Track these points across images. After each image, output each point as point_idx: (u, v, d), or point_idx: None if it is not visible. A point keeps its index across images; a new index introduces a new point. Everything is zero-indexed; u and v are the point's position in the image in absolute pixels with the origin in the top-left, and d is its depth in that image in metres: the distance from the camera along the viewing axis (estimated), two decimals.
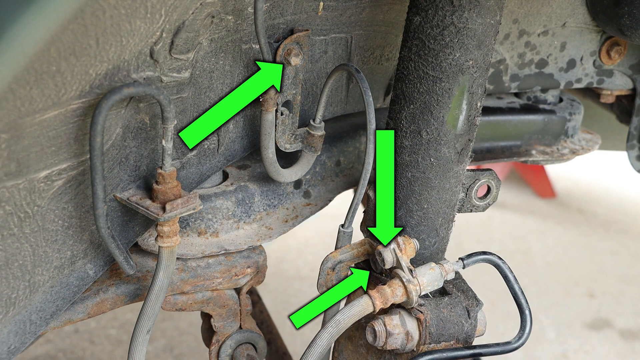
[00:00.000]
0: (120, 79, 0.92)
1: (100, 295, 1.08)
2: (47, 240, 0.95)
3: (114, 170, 0.98)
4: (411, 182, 1.05)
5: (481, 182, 1.16)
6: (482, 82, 1.02)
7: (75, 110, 0.89)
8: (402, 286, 1.02)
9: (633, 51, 1.40)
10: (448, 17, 0.96)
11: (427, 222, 1.07)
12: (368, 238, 1.12)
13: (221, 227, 1.15)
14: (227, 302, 1.17)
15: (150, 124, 0.99)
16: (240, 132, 1.13)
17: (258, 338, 1.22)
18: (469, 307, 1.07)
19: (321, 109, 1.13)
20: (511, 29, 1.29)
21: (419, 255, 1.07)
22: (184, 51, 0.98)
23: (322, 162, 1.26)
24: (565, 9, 1.31)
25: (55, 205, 0.93)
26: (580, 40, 1.35)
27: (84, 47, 0.85)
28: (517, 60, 1.33)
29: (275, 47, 1.07)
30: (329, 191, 1.27)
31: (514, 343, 1.08)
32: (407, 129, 1.03)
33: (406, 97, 1.02)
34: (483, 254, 1.10)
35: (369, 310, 1.03)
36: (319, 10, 1.12)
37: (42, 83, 0.83)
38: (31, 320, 0.97)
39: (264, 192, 1.19)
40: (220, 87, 1.07)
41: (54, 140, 0.89)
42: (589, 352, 2.57)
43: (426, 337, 1.04)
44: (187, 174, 1.08)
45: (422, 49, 0.99)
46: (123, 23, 0.87)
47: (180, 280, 1.12)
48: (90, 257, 1.01)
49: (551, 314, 2.70)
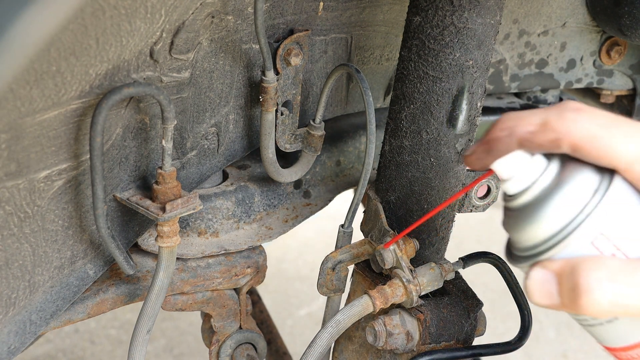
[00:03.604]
0: (120, 79, 0.92)
1: (100, 295, 1.08)
2: (47, 241, 0.95)
3: (114, 170, 0.98)
4: (411, 182, 1.05)
5: (481, 182, 1.16)
6: (482, 82, 1.02)
7: (75, 110, 0.89)
8: (402, 286, 1.02)
9: (633, 51, 1.40)
10: (448, 17, 0.96)
11: (427, 222, 1.07)
12: (368, 238, 1.12)
13: (221, 227, 1.15)
14: (227, 302, 1.17)
15: (150, 124, 0.99)
16: (240, 132, 1.13)
17: (258, 338, 1.22)
18: (469, 307, 1.07)
19: (321, 109, 1.13)
20: (511, 29, 1.29)
21: (419, 255, 1.07)
22: (184, 51, 0.98)
23: (322, 162, 1.25)
24: (565, 9, 1.31)
25: (55, 205, 0.93)
26: (580, 40, 1.35)
27: (84, 47, 0.85)
28: (517, 60, 1.33)
29: (275, 47, 1.07)
30: (329, 191, 1.27)
31: (514, 343, 1.08)
32: (407, 129, 1.03)
33: (406, 97, 1.02)
34: (483, 254, 1.10)
35: (369, 310, 1.03)
36: (319, 10, 1.12)
37: (42, 83, 0.83)
38: (31, 320, 0.97)
39: (264, 192, 1.19)
40: (220, 87, 1.07)
41: (54, 140, 0.89)
42: (589, 352, 2.57)
43: (426, 337, 1.04)
44: (187, 174, 1.08)
45: (422, 49, 0.99)
46: (123, 23, 0.87)
47: (180, 280, 1.12)
48: (90, 257, 1.01)
49: (551, 314, 2.70)
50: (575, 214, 0.72)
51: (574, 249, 0.73)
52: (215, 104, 1.07)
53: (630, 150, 0.72)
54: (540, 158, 0.76)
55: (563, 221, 0.73)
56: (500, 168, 0.77)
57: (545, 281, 0.74)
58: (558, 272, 0.73)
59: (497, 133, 0.79)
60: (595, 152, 0.72)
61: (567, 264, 0.72)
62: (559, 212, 0.73)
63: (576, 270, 0.71)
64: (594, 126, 0.72)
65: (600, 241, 0.72)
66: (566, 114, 0.74)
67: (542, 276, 0.74)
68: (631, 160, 0.72)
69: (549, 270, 0.73)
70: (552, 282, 0.73)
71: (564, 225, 0.73)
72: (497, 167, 0.77)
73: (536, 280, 0.74)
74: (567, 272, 0.72)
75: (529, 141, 0.76)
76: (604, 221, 0.72)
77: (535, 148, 0.76)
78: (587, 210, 0.72)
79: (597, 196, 0.72)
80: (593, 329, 0.78)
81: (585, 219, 0.72)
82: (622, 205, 0.72)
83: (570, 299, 0.71)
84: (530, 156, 0.76)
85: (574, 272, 0.71)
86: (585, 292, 0.70)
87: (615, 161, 0.72)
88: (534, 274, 0.74)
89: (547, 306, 0.74)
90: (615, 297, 0.69)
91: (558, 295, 0.73)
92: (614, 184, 0.72)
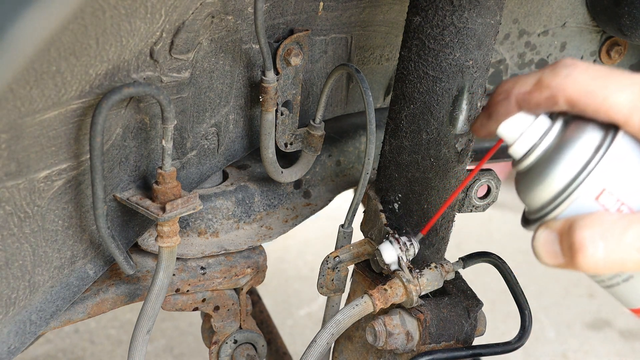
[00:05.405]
0: (120, 79, 0.92)
1: (100, 295, 1.08)
2: (47, 241, 0.95)
3: (114, 170, 0.98)
4: (411, 182, 1.05)
5: (481, 182, 1.16)
6: (482, 82, 1.02)
7: (75, 110, 0.89)
8: (402, 286, 1.02)
9: (633, 51, 1.40)
10: (448, 17, 0.96)
11: (427, 222, 1.07)
12: (368, 238, 1.12)
13: (221, 227, 1.15)
14: (227, 302, 1.17)
15: (150, 124, 0.99)
16: (240, 132, 1.13)
17: (258, 338, 1.22)
18: (469, 307, 1.07)
19: (321, 109, 1.13)
20: (511, 29, 1.29)
21: (419, 255, 1.07)
22: (184, 51, 0.98)
23: (322, 162, 1.25)
24: (565, 9, 1.31)
25: (55, 205, 0.93)
26: (580, 40, 1.35)
27: (84, 47, 0.85)
28: (517, 60, 1.33)
29: (275, 47, 1.07)
30: (329, 191, 1.27)
31: (514, 343, 1.08)
32: (407, 129, 1.03)
33: (406, 97, 1.02)
34: (483, 254, 1.10)
35: (369, 310, 1.03)
36: (319, 10, 1.12)
37: (42, 83, 0.83)
38: (31, 320, 0.97)
39: (264, 192, 1.19)
40: (220, 87, 1.07)
41: (54, 140, 0.89)
42: (589, 352, 2.57)
43: (426, 337, 1.04)
44: (187, 174, 1.08)
45: (422, 49, 0.99)
46: (123, 23, 0.87)
47: (180, 280, 1.12)
48: (90, 257, 1.01)
49: (551, 314, 2.70)
50: (577, 171, 0.72)
51: (579, 207, 0.72)
52: (215, 104, 1.07)
53: (625, 100, 0.70)
54: (544, 118, 0.75)
55: (566, 179, 0.72)
56: (504, 132, 0.77)
57: (549, 241, 0.73)
58: (559, 231, 0.72)
59: (496, 98, 0.78)
60: (592, 106, 0.71)
61: (566, 223, 0.71)
62: (562, 171, 0.73)
63: (572, 228, 0.70)
64: (587, 79, 0.71)
65: (605, 197, 0.72)
66: (559, 70, 0.73)
67: (545, 236, 0.73)
68: (628, 112, 0.70)
69: (551, 230, 0.73)
70: (555, 241, 0.72)
71: (567, 183, 0.72)
72: (500, 131, 0.77)
73: (540, 241, 0.73)
74: (566, 231, 0.71)
75: (526, 101, 0.75)
76: (607, 177, 0.71)
77: (533, 108, 0.75)
78: (589, 167, 0.72)
79: (599, 153, 0.72)
80: (613, 290, 0.78)
81: (588, 176, 0.72)
82: (625, 160, 0.72)
83: (569, 258, 0.71)
84: (533, 117, 0.75)
85: (570, 230, 0.70)
86: (580, 250, 0.69)
87: (612, 114, 0.71)
88: (538, 234, 0.74)
89: (554, 266, 0.73)
90: (609, 254, 0.69)
91: (562, 255, 0.72)
92: (617, 139, 0.72)
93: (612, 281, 0.77)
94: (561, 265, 0.72)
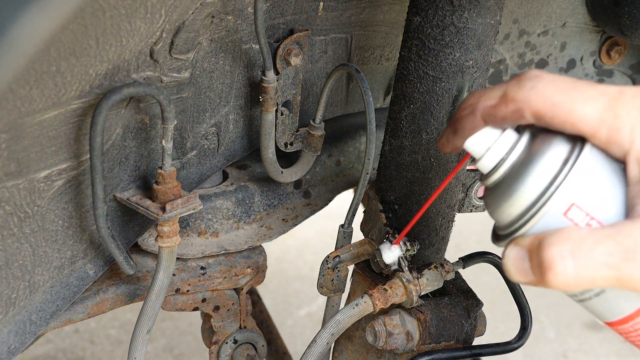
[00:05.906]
0: (120, 79, 0.92)
1: (100, 295, 1.08)
2: (47, 240, 0.95)
3: (114, 170, 0.98)
4: (411, 182, 1.05)
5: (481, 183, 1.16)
6: (482, 82, 1.02)
7: (75, 110, 0.89)
8: (402, 286, 1.02)
9: (633, 51, 1.40)
10: (448, 17, 0.96)
11: (427, 222, 1.07)
12: (368, 238, 1.12)
13: (221, 227, 1.15)
14: (227, 302, 1.17)
15: (150, 124, 0.99)
16: (240, 132, 1.13)
17: (258, 338, 1.22)
18: (469, 307, 1.07)
19: (321, 109, 1.13)
20: (511, 29, 1.29)
21: (419, 255, 1.07)
22: (184, 51, 0.98)
23: (322, 162, 1.25)
24: (565, 9, 1.31)
25: (55, 205, 0.93)
26: (580, 40, 1.35)
27: (84, 47, 0.85)
28: (517, 60, 1.33)
29: (275, 47, 1.07)
30: (329, 191, 1.27)
31: (514, 343, 1.08)
32: (407, 129, 1.03)
33: (406, 97, 1.02)
34: (483, 254, 1.10)
35: (369, 310, 1.03)
36: (319, 10, 1.12)
37: (42, 83, 0.83)
38: (31, 320, 0.97)
39: (264, 192, 1.19)
40: (220, 87, 1.07)
41: (54, 140, 0.89)
42: (589, 352, 2.57)
43: (426, 337, 1.04)
44: (187, 174, 1.08)
45: (422, 49, 0.99)
46: (123, 23, 0.87)
47: (180, 280, 1.12)
48: (90, 257, 1.01)
49: (551, 314, 2.70)
50: (545, 186, 0.70)
51: (548, 222, 0.70)
52: (215, 104, 1.07)
53: (593, 112, 0.68)
54: (511, 132, 0.73)
55: (534, 195, 0.70)
56: (470, 147, 0.75)
57: (518, 259, 0.71)
58: (529, 248, 0.70)
59: (461, 113, 0.76)
60: (558, 118, 0.69)
61: (535, 239, 0.69)
62: (529, 186, 0.71)
63: (541, 245, 0.68)
64: (553, 91, 0.69)
65: (574, 212, 0.70)
66: (524, 82, 0.71)
67: (515, 254, 0.71)
68: (596, 124, 0.68)
69: (521, 247, 0.71)
70: (525, 258, 0.70)
71: (535, 199, 0.70)
72: (467, 146, 0.75)
73: (510, 258, 0.71)
74: (535, 248, 0.69)
75: (492, 116, 0.73)
76: (575, 191, 0.69)
77: (500, 122, 0.73)
78: (557, 182, 0.70)
79: (567, 166, 0.70)
80: (586, 304, 0.75)
81: (556, 191, 0.70)
82: (593, 173, 0.70)
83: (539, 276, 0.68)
84: (500, 132, 0.73)
85: (539, 248, 0.68)
86: (549, 268, 0.67)
87: (579, 126, 0.69)
88: (508, 252, 0.72)
89: (525, 283, 0.71)
90: (579, 271, 0.66)
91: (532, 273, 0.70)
92: (585, 152, 0.70)
93: (584, 296, 0.74)
94: (532, 282, 0.70)
